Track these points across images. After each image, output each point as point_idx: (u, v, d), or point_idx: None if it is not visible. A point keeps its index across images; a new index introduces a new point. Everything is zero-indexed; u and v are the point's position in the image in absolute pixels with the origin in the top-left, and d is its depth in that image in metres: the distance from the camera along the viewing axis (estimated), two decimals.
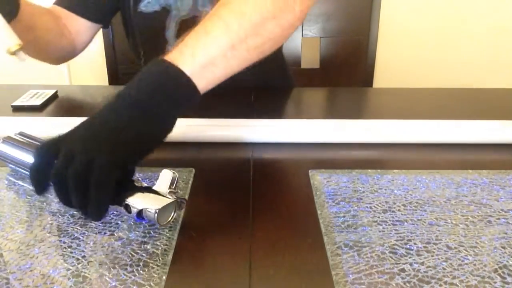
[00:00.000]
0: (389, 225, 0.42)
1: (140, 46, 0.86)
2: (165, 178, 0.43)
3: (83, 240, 0.40)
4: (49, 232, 0.41)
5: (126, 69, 1.14)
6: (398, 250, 0.39)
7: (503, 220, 0.43)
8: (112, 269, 0.36)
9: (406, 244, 0.39)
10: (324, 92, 0.83)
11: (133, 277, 0.35)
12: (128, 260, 0.37)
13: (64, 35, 0.77)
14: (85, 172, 0.37)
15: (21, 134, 0.53)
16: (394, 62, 1.56)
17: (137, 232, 0.41)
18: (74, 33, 0.79)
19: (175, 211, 0.42)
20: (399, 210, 0.44)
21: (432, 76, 1.60)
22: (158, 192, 0.42)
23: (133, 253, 0.38)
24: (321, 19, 1.15)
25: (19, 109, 0.69)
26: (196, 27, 0.47)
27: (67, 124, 0.58)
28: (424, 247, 0.39)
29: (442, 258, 0.38)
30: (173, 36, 0.82)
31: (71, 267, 0.37)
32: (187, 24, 0.81)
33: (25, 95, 0.73)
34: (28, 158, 0.48)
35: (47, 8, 0.77)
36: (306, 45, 1.17)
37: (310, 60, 1.01)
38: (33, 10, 0.69)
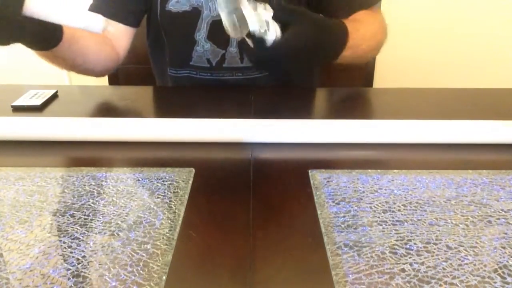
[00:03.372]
0: (389, 225, 0.42)
1: (166, 46, 0.85)
2: None
3: (83, 240, 0.40)
4: (49, 232, 0.41)
5: (126, 69, 1.14)
6: (398, 250, 0.39)
7: (503, 220, 0.43)
8: (112, 269, 0.36)
9: (406, 244, 0.39)
10: (324, 92, 0.83)
11: (133, 277, 0.35)
12: (128, 260, 0.37)
13: (105, 42, 0.76)
14: None
15: None
16: (394, 62, 1.56)
17: (137, 232, 0.41)
18: (113, 39, 0.79)
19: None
20: (399, 210, 0.44)
21: (432, 76, 1.60)
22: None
23: (133, 253, 0.38)
24: None
25: (19, 109, 0.69)
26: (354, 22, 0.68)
27: (67, 124, 0.59)
28: (424, 247, 0.39)
29: (442, 258, 0.38)
30: (204, 38, 0.81)
31: (71, 267, 0.37)
32: (219, 25, 0.80)
33: (25, 95, 0.73)
34: None
35: None
36: None
37: None
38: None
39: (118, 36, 0.80)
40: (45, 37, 0.60)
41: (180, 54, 0.85)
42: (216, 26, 0.80)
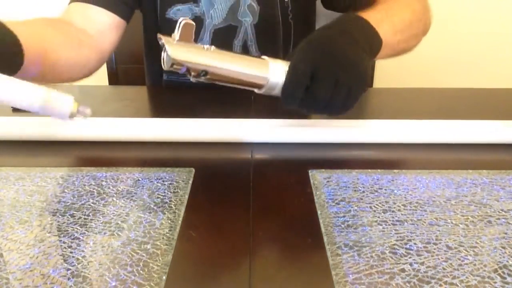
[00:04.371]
0: (389, 225, 0.42)
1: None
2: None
3: (83, 240, 0.40)
4: (49, 232, 0.41)
5: (126, 69, 1.14)
6: (398, 250, 0.39)
7: (503, 220, 0.43)
8: (112, 269, 0.36)
9: (406, 244, 0.39)
10: None
11: (133, 277, 0.35)
12: (128, 260, 0.37)
13: (80, 45, 0.68)
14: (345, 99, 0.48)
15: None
16: (394, 62, 1.55)
17: (137, 232, 0.41)
18: (98, 36, 0.71)
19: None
20: (399, 210, 0.44)
21: (432, 76, 1.60)
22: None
23: (133, 253, 0.38)
24: (321, 19, 1.14)
25: (19, 109, 0.69)
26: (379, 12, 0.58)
27: (67, 124, 0.59)
28: (424, 247, 0.39)
29: (442, 258, 0.38)
30: None
31: (71, 267, 0.37)
32: (222, 33, 0.78)
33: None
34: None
35: (48, 20, 0.66)
36: None
37: None
38: (34, 37, 0.56)
39: (105, 31, 0.73)
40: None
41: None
42: (219, 34, 0.78)
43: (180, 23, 0.47)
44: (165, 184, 0.49)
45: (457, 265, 0.37)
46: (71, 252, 0.38)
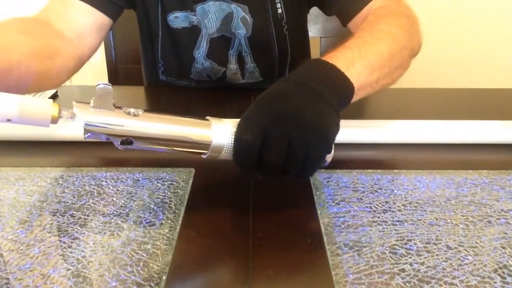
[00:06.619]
0: (389, 225, 0.42)
1: (159, 57, 0.83)
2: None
3: (83, 240, 0.40)
4: (49, 232, 0.41)
5: (126, 69, 1.14)
6: (398, 250, 0.39)
7: (503, 220, 0.43)
8: (112, 269, 0.36)
9: (406, 244, 0.39)
10: None
11: (133, 277, 0.35)
12: (128, 260, 0.37)
13: (57, 51, 0.60)
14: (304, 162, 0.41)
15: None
16: None
17: (137, 232, 0.41)
18: (75, 39, 0.64)
19: None
20: (399, 210, 0.44)
21: (432, 76, 1.59)
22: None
23: (133, 253, 0.38)
24: (321, 19, 1.14)
25: None
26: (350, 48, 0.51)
27: (67, 124, 0.59)
28: (424, 247, 0.39)
29: (442, 258, 0.38)
30: (203, 56, 0.79)
31: (71, 267, 0.37)
32: (216, 43, 0.78)
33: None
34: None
35: (22, 23, 0.57)
36: None
37: None
38: None
39: (86, 33, 0.66)
40: None
41: (179, 68, 0.83)
42: (214, 43, 0.78)
43: (96, 88, 0.40)
44: (165, 184, 0.49)
45: (457, 265, 0.37)
46: (71, 252, 0.38)
